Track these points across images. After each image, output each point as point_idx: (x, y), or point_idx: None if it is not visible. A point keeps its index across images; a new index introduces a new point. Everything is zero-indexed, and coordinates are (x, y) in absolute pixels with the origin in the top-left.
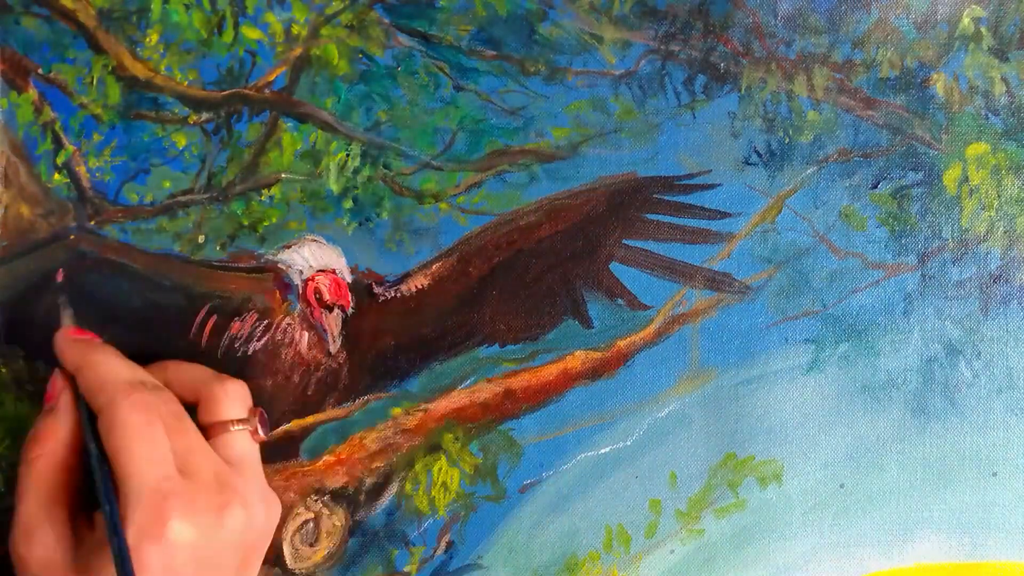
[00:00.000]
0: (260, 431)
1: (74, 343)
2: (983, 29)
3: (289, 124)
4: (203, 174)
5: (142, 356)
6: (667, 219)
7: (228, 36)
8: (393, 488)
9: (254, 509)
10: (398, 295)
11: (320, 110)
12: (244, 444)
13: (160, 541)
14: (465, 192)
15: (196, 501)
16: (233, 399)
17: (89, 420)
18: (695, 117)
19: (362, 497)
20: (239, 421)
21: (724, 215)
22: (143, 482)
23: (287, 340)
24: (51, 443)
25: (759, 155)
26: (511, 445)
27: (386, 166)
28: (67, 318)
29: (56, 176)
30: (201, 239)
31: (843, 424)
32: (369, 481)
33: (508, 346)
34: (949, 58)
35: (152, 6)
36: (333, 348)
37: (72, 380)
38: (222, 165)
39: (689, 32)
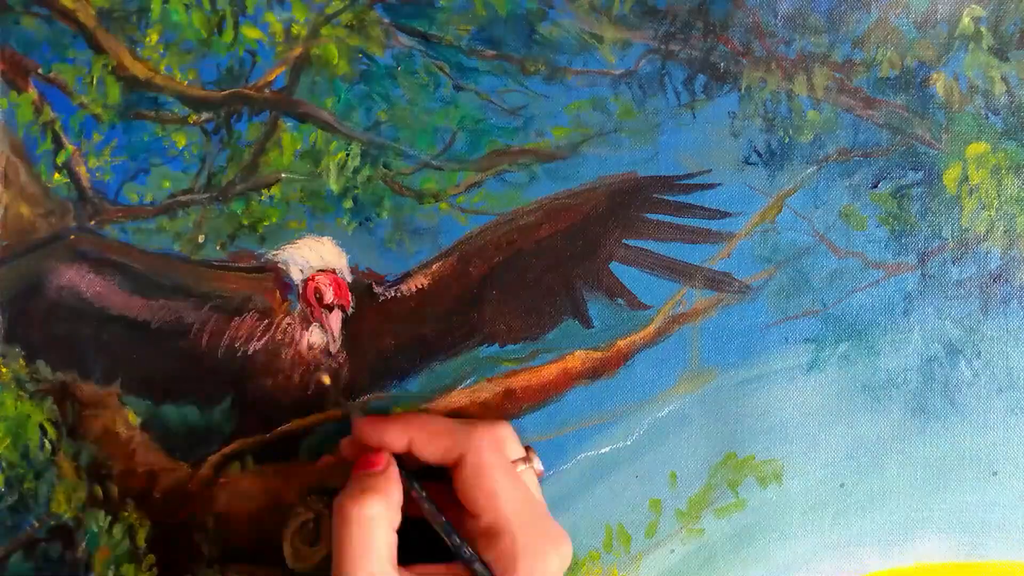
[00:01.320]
0: (539, 465)
1: (380, 420)
2: (983, 29)
3: (289, 124)
4: (203, 174)
5: (143, 356)
6: (667, 219)
7: (228, 36)
8: None
9: (569, 541)
10: (398, 295)
11: (320, 110)
12: (533, 481)
13: (551, 571)
14: (465, 192)
15: (552, 534)
16: (513, 440)
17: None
18: (695, 117)
19: None
20: (521, 460)
21: (724, 215)
22: (521, 525)
23: (287, 340)
24: (385, 502)
25: (759, 155)
26: None
27: (386, 166)
28: (357, 410)
29: (56, 176)
30: (201, 239)
31: (843, 424)
32: None
33: (508, 346)
34: (949, 58)
35: (152, 6)
36: (333, 348)
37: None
38: (222, 165)
39: (689, 32)
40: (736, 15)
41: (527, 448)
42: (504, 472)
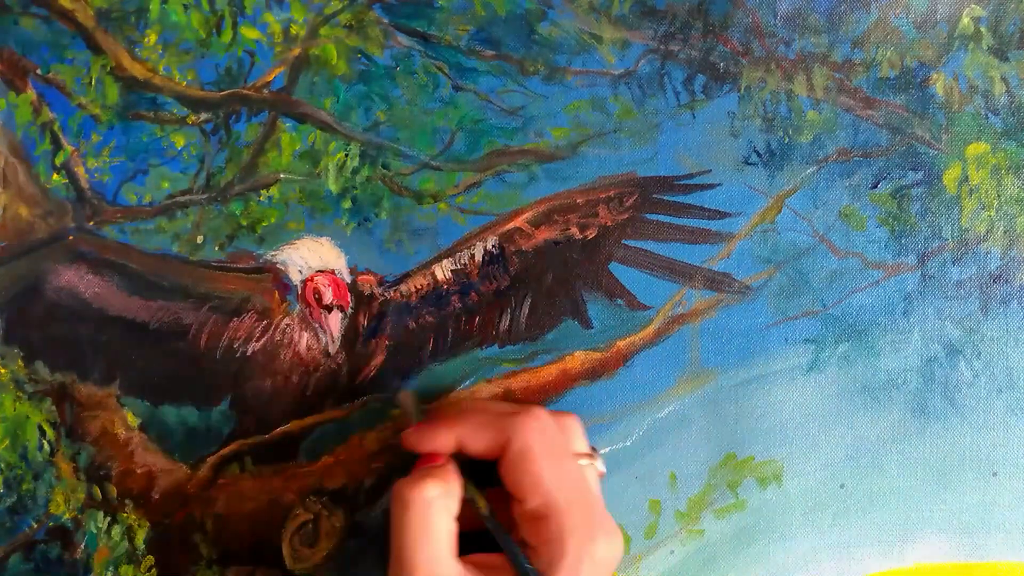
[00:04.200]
0: (601, 467)
1: (428, 429)
2: (983, 29)
3: (288, 124)
4: (202, 174)
5: (142, 357)
6: (667, 219)
7: (227, 36)
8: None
9: (621, 538)
10: (398, 295)
11: (319, 110)
12: (593, 477)
13: (591, 563)
14: (464, 192)
15: (602, 523)
16: (580, 435)
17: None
18: (695, 117)
19: (362, 498)
20: (585, 455)
21: (724, 215)
22: (570, 507)
23: (286, 340)
24: (444, 488)
25: (759, 155)
26: None
27: (385, 166)
28: (419, 413)
29: (55, 176)
30: (200, 239)
31: (843, 424)
32: (369, 482)
33: (508, 346)
34: (949, 58)
35: (151, 6)
36: (332, 349)
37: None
38: (221, 165)
39: (688, 32)
40: (735, 15)
41: (592, 448)
42: (551, 455)
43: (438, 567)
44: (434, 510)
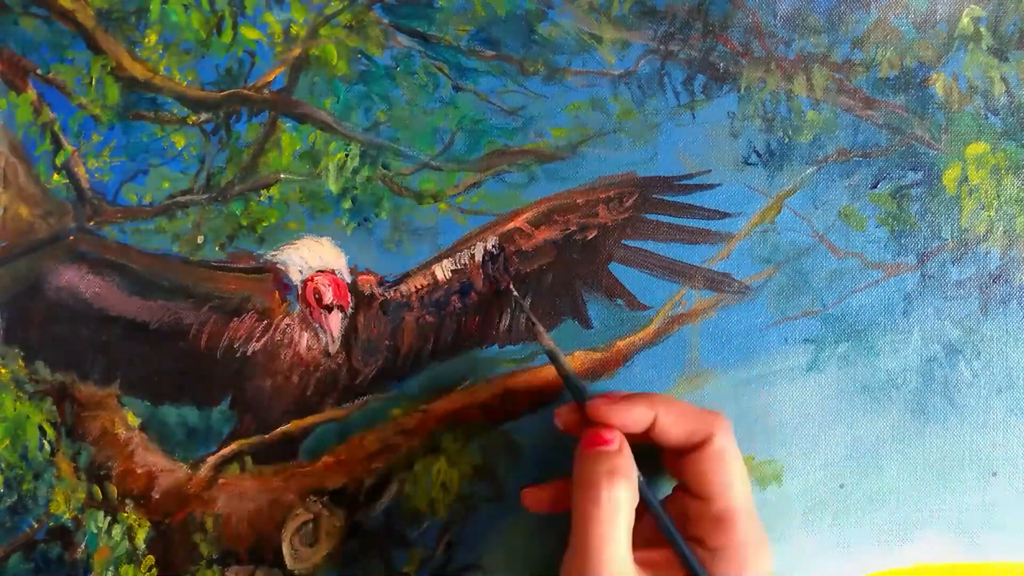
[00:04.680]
0: None
1: (623, 401)
2: (982, 29)
3: (288, 124)
4: (202, 174)
5: (142, 357)
6: (667, 219)
7: (227, 36)
8: (393, 488)
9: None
10: (398, 295)
11: (319, 110)
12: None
13: (767, 570)
14: (464, 192)
15: (766, 540)
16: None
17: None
18: (695, 117)
19: (362, 498)
20: None
21: (724, 215)
22: (754, 519)
23: (286, 340)
24: (630, 485)
25: (759, 155)
26: (511, 445)
27: (385, 166)
28: (578, 384)
29: (55, 177)
30: (200, 239)
31: (843, 424)
32: (369, 482)
33: (507, 347)
34: (948, 58)
35: (151, 6)
36: (332, 348)
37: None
38: (221, 165)
39: (688, 32)
40: (735, 15)
41: None
42: (742, 463)
43: (620, 568)
44: (621, 510)
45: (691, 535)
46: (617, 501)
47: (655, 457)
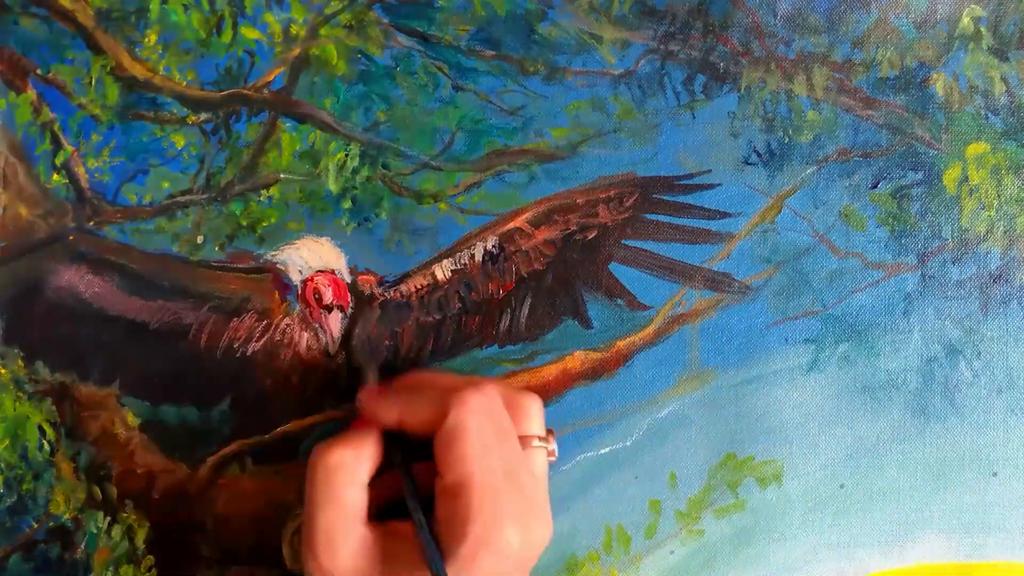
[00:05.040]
0: (554, 447)
1: (377, 394)
2: (983, 29)
3: (288, 124)
4: (202, 174)
5: (142, 357)
6: (667, 219)
7: (227, 36)
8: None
9: (549, 528)
10: (397, 295)
11: (319, 110)
12: (541, 461)
13: (495, 549)
14: (464, 192)
15: (522, 511)
16: (537, 416)
17: (399, 450)
18: (695, 117)
19: None
20: (540, 438)
21: (724, 215)
22: (484, 489)
23: (286, 340)
24: (353, 454)
25: (759, 155)
26: None
27: (385, 166)
28: (372, 376)
29: (55, 176)
30: (200, 239)
31: (843, 424)
32: None
33: (507, 347)
34: (949, 58)
35: (151, 6)
36: (332, 348)
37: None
38: (221, 165)
39: (688, 32)
40: (735, 15)
41: (549, 431)
42: (484, 434)
43: (339, 528)
44: (340, 475)
45: (437, 514)
46: (331, 465)
47: None
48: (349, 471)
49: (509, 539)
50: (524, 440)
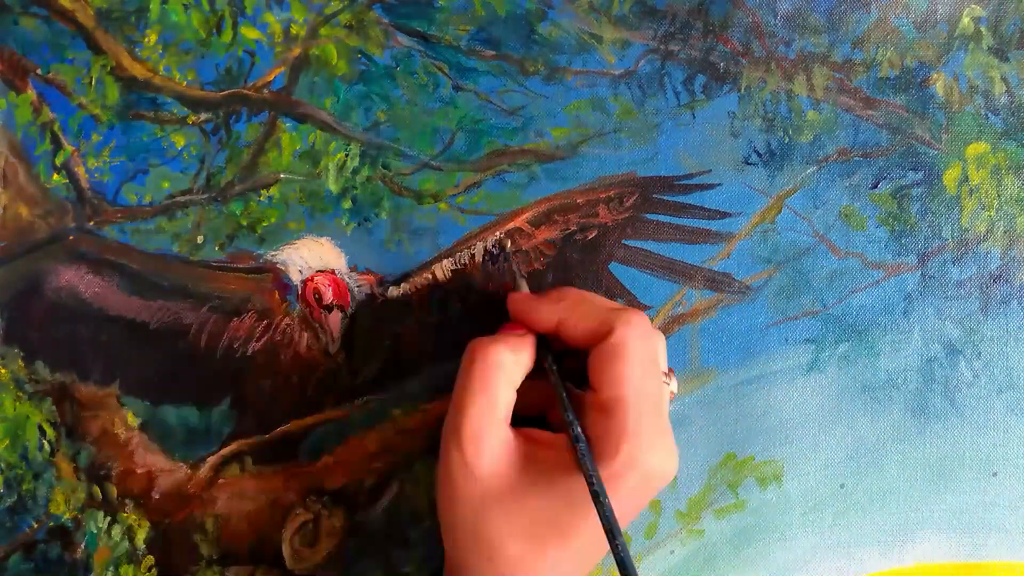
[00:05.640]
0: (675, 387)
1: (533, 300)
2: (983, 28)
3: (288, 124)
4: (202, 174)
5: (142, 357)
6: (667, 219)
7: (227, 36)
8: (393, 488)
9: (676, 461)
10: (397, 295)
11: (319, 110)
12: (666, 396)
13: (643, 471)
14: (464, 192)
15: (666, 440)
16: (664, 353)
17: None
18: (695, 117)
19: (362, 498)
20: (665, 374)
21: (724, 215)
22: (640, 410)
23: (286, 340)
24: (512, 355)
25: (759, 155)
26: None
27: (385, 166)
28: (523, 283)
29: (55, 176)
30: (200, 239)
31: (843, 424)
32: (369, 482)
33: None
34: (949, 58)
35: (151, 6)
36: (332, 348)
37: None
38: (221, 165)
39: (688, 32)
40: (736, 15)
41: (669, 369)
42: (641, 358)
43: (488, 424)
44: (498, 373)
45: (584, 427)
46: (492, 362)
47: None
48: (507, 371)
49: (654, 463)
50: None
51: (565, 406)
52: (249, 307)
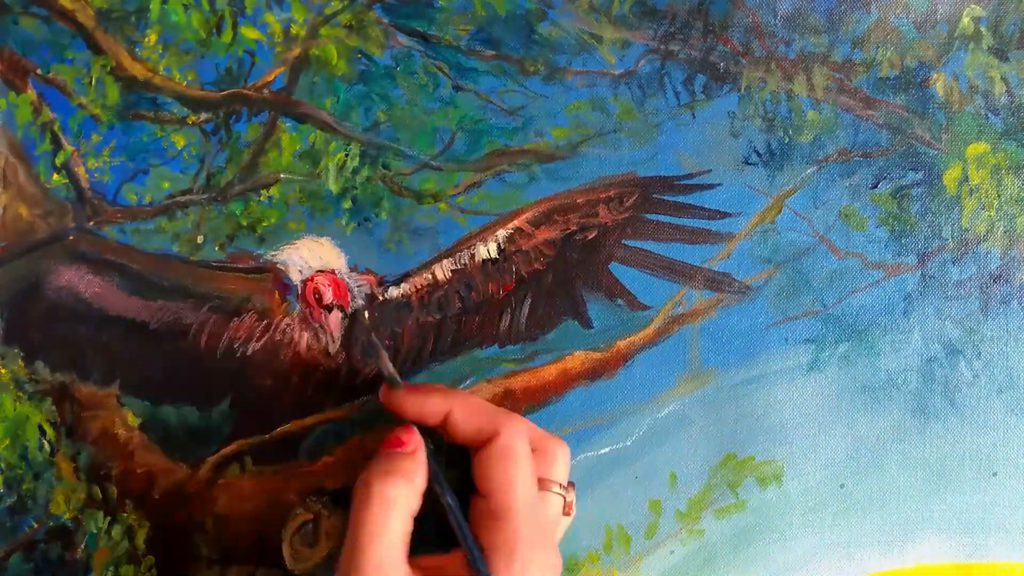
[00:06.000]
0: (572, 498)
1: (420, 391)
2: (983, 29)
3: (288, 124)
4: (202, 174)
5: (142, 357)
6: (667, 219)
7: (227, 36)
8: None
9: (559, 568)
10: (397, 295)
11: (319, 110)
12: (556, 508)
13: (536, 574)
14: (464, 192)
15: (549, 543)
16: (563, 463)
17: (438, 469)
18: (695, 117)
19: None
20: (561, 486)
21: (724, 215)
22: (527, 517)
23: (286, 340)
24: (409, 487)
25: (759, 155)
26: None
27: (385, 166)
28: (390, 372)
29: (55, 176)
30: (200, 239)
31: (843, 424)
32: None
33: (507, 346)
34: (949, 58)
35: (151, 6)
36: (332, 348)
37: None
38: (221, 165)
39: (688, 32)
40: (736, 15)
41: (570, 483)
42: (528, 466)
43: (386, 565)
44: (394, 509)
45: (475, 534)
46: (390, 499)
47: None
48: (405, 505)
49: (543, 563)
50: (545, 483)
51: (456, 523)
52: (249, 307)
